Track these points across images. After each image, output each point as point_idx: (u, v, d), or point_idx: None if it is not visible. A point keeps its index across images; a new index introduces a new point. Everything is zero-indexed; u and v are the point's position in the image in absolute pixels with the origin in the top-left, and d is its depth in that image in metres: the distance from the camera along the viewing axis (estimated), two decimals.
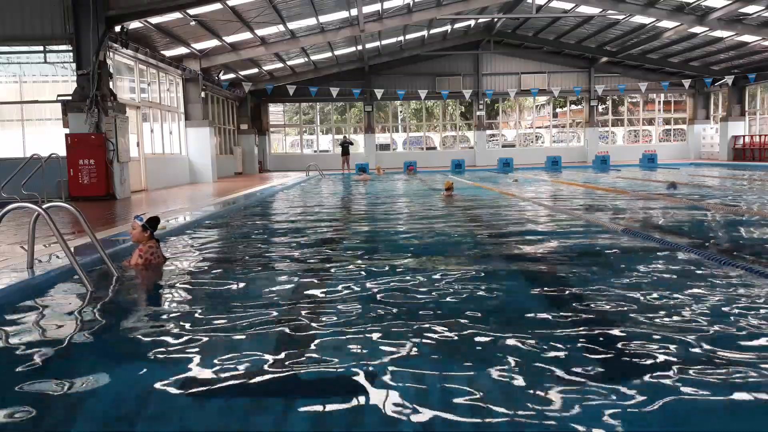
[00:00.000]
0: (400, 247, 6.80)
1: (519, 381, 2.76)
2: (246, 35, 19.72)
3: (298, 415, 2.50)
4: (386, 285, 4.73)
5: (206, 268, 5.56)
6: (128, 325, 3.93)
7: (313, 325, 3.74)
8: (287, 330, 3.63)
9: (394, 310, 3.96)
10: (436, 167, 26.48)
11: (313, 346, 3.33)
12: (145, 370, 3.04)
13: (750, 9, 19.45)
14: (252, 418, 2.50)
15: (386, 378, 2.83)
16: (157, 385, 2.84)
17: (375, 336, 3.44)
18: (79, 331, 3.81)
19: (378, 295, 4.38)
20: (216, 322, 3.80)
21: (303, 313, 4.02)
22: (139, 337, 3.64)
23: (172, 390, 2.77)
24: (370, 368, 2.96)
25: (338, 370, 2.97)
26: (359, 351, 3.21)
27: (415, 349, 3.23)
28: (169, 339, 3.51)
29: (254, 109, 29.10)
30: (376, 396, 2.64)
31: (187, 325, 3.77)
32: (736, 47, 24.72)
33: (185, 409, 2.61)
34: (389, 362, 3.03)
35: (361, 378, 2.84)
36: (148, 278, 5.19)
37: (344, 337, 3.45)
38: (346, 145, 26.54)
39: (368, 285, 4.75)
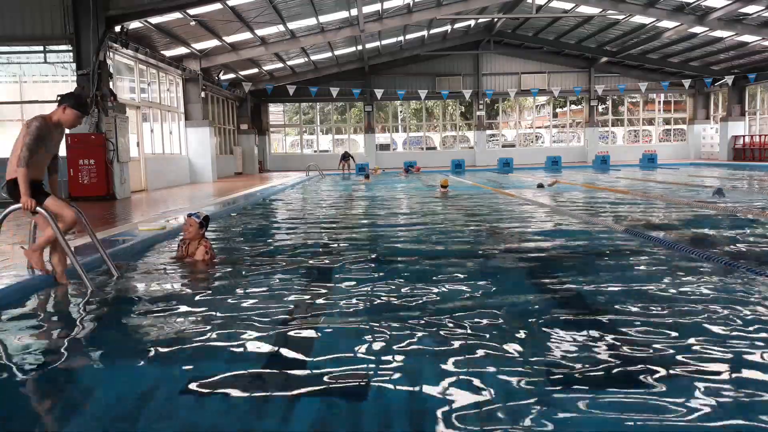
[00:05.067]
0: (401, 245, 6.80)
1: (520, 381, 2.76)
2: (246, 35, 19.71)
3: (298, 415, 2.50)
4: (388, 283, 4.73)
5: (206, 268, 5.55)
6: (129, 325, 3.93)
7: (314, 324, 3.74)
8: (288, 330, 3.62)
9: (395, 309, 3.96)
10: (436, 167, 26.46)
11: (314, 346, 3.33)
12: (145, 370, 3.04)
13: (750, 9, 19.45)
14: (252, 418, 2.50)
15: (387, 378, 2.83)
16: (158, 385, 2.84)
17: (376, 336, 3.44)
18: (80, 331, 3.81)
19: (379, 294, 4.38)
20: (217, 321, 3.80)
21: (304, 312, 4.02)
22: (140, 337, 3.63)
23: (173, 390, 2.77)
24: (371, 369, 2.96)
25: (339, 369, 2.97)
26: (360, 351, 3.21)
27: (416, 348, 3.22)
28: (170, 339, 3.51)
29: (254, 109, 29.08)
30: (377, 396, 2.64)
31: (188, 325, 3.77)
32: (736, 47, 24.71)
33: (186, 409, 2.61)
34: (390, 362, 3.03)
35: (361, 378, 2.84)
36: (149, 278, 5.18)
37: (345, 337, 3.45)
38: (346, 155, 26.22)
39: (369, 284, 4.74)
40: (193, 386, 2.80)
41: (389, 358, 3.09)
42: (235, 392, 2.72)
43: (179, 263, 5.72)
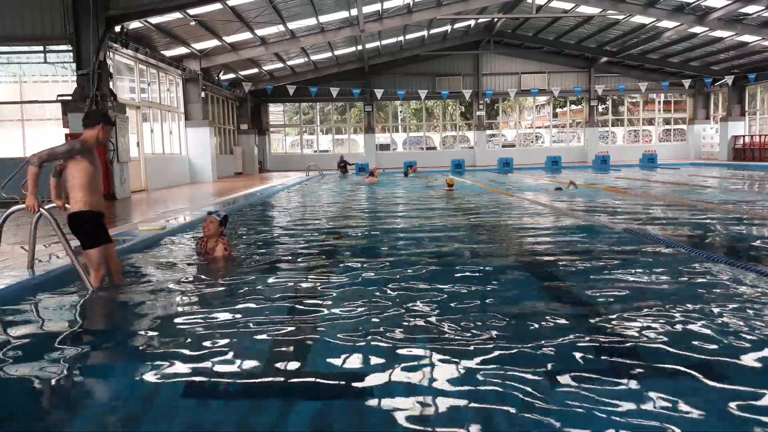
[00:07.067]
0: (404, 245, 6.79)
1: (520, 381, 2.76)
2: (246, 35, 19.71)
3: (298, 414, 2.50)
4: (390, 283, 4.73)
5: (207, 267, 5.55)
6: (128, 324, 3.93)
7: (315, 324, 3.74)
8: (288, 330, 3.62)
9: (396, 309, 3.96)
10: (436, 167, 26.46)
11: (314, 346, 3.33)
12: (145, 369, 3.04)
13: (750, 9, 19.44)
14: (252, 418, 2.49)
15: (387, 378, 2.83)
16: (158, 385, 2.84)
17: (376, 336, 3.43)
18: (80, 331, 3.81)
19: (380, 294, 4.38)
20: (217, 321, 3.80)
21: (305, 312, 4.02)
22: (140, 336, 3.63)
23: (173, 390, 2.77)
24: (372, 368, 2.96)
25: (339, 370, 2.97)
26: (361, 350, 3.21)
27: (416, 348, 3.22)
28: (170, 339, 3.51)
29: (254, 109, 29.07)
30: (377, 396, 2.63)
31: (188, 325, 3.77)
32: (736, 47, 24.70)
33: (185, 408, 2.61)
34: (390, 362, 3.03)
35: (361, 378, 2.84)
36: (149, 278, 5.18)
37: (346, 337, 3.45)
38: (343, 164, 25.76)
39: (371, 284, 4.74)
40: (193, 386, 2.80)
41: (390, 357, 3.09)
42: (235, 392, 2.72)
43: (173, 263, 5.72)
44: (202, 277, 5.25)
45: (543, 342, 3.27)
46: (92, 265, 4.54)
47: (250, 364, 3.07)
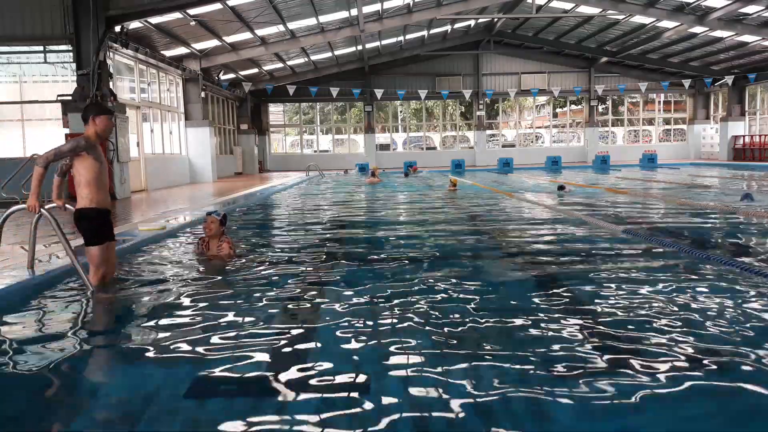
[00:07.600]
0: (405, 245, 6.79)
1: (519, 381, 2.76)
2: (246, 35, 19.71)
3: (299, 415, 2.50)
4: (391, 283, 4.72)
5: (207, 267, 5.55)
6: (129, 324, 3.92)
7: (315, 324, 3.74)
8: (290, 329, 3.62)
9: (396, 310, 3.96)
10: (436, 167, 26.45)
11: (315, 346, 3.33)
12: (145, 369, 3.04)
13: (750, 9, 19.44)
14: (253, 418, 2.49)
15: (388, 378, 2.83)
16: (158, 385, 2.84)
17: (376, 336, 3.43)
18: (80, 331, 3.81)
19: (382, 294, 4.38)
20: (218, 321, 3.80)
21: (306, 312, 4.02)
22: (140, 336, 3.63)
23: (174, 390, 2.77)
24: (372, 368, 2.96)
25: (340, 369, 2.96)
26: (361, 351, 3.21)
27: (416, 348, 3.22)
28: (170, 339, 3.50)
29: (254, 109, 29.07)
30: (378, 397, 2.63)
31: (188, 325, 3.77)
32: (736, 47, 24.70)
33: (186, 408, 2.61)
34: (390, 362, 3.03)
35: (362, 378, 2.84)
36: (149, 278, 5.18)
37: (347, 337, 3.45)
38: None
39: (373, 283, 4.74)
40: (194, 385, 2.80)
41: (391, 357, 3.09)
42: (236, 392, 2.72)
43: (173, 263, 5.72)
44: (203, 276, 5.24)
45: (543, 342, 3.27)
46: (92, 262, 4.55)
47: (251, 363, 3.07)
